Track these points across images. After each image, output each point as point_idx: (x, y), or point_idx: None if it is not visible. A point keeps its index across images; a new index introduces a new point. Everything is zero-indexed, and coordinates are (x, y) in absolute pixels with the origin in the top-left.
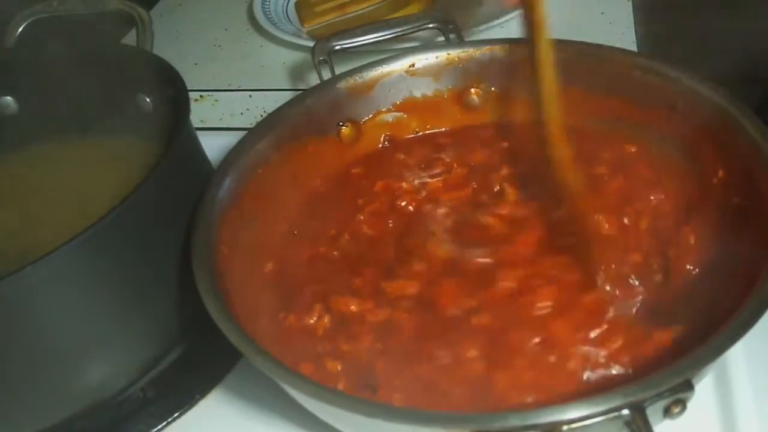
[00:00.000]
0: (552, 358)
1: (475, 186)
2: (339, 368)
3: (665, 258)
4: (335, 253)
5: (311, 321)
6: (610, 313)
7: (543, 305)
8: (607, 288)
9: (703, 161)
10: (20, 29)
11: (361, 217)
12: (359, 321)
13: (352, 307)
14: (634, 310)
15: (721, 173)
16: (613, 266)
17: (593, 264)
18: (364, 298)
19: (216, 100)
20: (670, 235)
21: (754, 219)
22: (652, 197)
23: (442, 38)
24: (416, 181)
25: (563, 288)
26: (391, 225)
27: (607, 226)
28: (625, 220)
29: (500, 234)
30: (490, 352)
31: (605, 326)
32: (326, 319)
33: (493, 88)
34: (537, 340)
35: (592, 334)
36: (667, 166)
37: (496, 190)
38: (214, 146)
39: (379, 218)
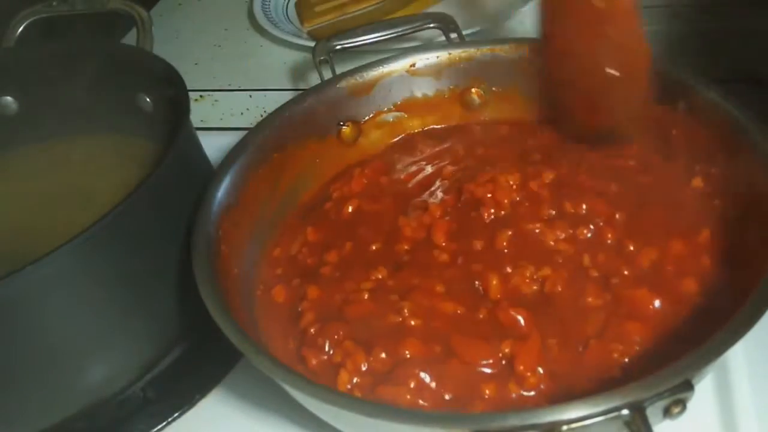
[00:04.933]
0: None
1: None
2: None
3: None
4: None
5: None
6: None
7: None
8: None
9: (703, 161)
10: (20, 29)
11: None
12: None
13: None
14: None
15: (720, 174)
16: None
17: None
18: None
19: (216, 100)
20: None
21: (754, 220)
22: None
23: (442, 38)
24: None
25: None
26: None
27: None
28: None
29: None
30: None
31: None
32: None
33: (494, 88)
34: None
35: None
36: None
37: None
38: (214, 146)
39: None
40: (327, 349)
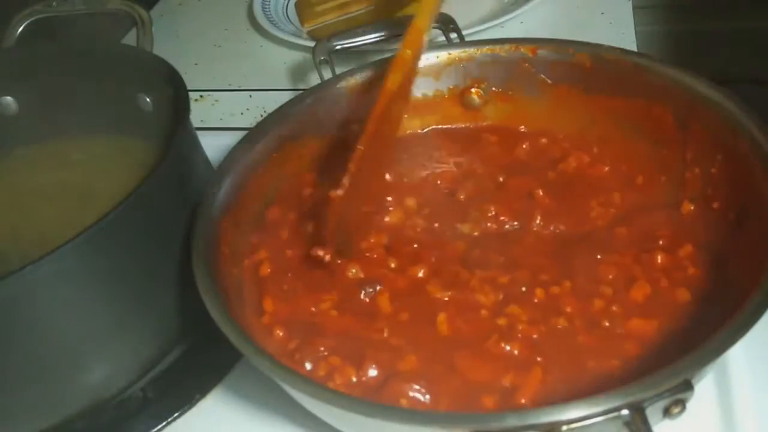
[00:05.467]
0: None
1: None
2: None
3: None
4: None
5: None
6: None
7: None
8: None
9: (703, 161)
10: (20, 29)
11: None
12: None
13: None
14: None
15: (720, 173)
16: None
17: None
18: None
19: (216, 100)
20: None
21: (754, 219)
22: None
23: (442, 38)
24: None
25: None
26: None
27: None
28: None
29: None
30: None
31: None
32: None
33: (493, 88)
34: None
35: None
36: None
37: None
38: (214, 146)
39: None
40: None
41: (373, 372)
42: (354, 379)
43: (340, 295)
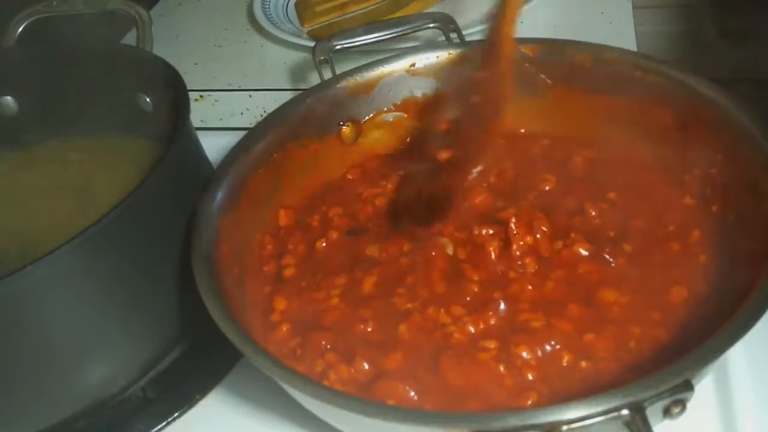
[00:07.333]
0: None
1: None
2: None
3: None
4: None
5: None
6: None
7: None
8: None
9: (703, 161)
10: (20, 29)
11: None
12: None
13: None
14: None
15: (720, 174)
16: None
17: None
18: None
19: (216, 100)
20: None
21: (754, 220)
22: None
23: (442, 38)
24: None
25: None
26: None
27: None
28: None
29: None
30: None
31: None
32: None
33: None
34: None
35: None
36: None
37: None
38: (214, 146)
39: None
40: None
41: (365, 366)
42: (346, 376)
43: (348, 279)
